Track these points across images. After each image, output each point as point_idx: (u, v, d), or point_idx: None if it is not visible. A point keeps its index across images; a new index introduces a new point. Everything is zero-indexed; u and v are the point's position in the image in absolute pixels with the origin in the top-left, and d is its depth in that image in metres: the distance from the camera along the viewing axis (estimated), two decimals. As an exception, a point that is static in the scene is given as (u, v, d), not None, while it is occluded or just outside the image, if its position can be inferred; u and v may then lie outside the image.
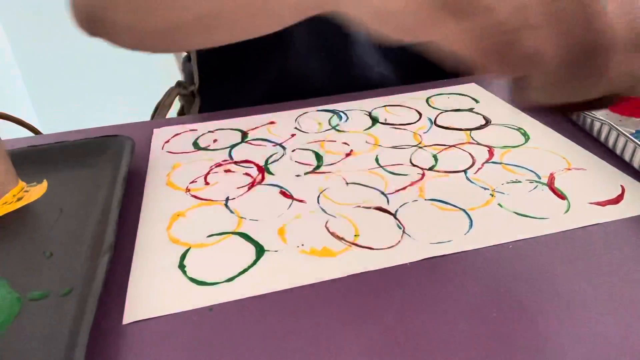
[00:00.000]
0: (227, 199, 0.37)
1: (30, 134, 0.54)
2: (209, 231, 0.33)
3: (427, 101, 0.51)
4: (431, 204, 0.35)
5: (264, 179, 0.39)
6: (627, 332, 0.24)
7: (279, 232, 0.33)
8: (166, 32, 0.35)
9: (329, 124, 0.48)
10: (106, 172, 0.39)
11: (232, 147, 0.44)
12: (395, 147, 0.43)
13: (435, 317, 0.26)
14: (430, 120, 0.47)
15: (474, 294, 0.27)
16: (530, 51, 0.22)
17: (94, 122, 0.54)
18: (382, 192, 0.36)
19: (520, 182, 0.36)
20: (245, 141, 0.45)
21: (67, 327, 0.25)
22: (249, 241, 0.32)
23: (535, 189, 0.36)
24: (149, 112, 0.63)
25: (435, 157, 0.41)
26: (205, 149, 0.44)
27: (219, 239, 0.33)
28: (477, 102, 0.51)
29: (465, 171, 0.38)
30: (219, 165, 0.42)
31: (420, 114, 0.48)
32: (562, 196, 0.34)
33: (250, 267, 0.30)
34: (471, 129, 0.45)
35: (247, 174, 0.40)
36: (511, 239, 0.31)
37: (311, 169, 0.40)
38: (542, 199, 0.34)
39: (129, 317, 0.27)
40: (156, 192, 0.38)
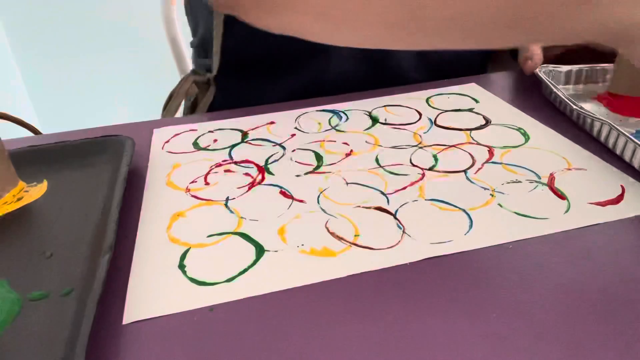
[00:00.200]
0: (227, 199, 0.37)
1: (30, 134, 0.54)
2: (209, 231, 0.33)
3: (427, 101, 0.51)
4: (431, 204, 0.35)
5: (264, 179, 0.39)
6: (628, 332, 0.24)
7: (279, 232, 0.33)
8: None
9: (329, 124, 0.48)
10: (106, 172, 0.39)
11: (232, 147, 0.44)
12: (395, 147, 0.43)
13: (435, 317, 0.26)
14: (430, 120, 0.47)
15: (474, 294, 0.27)
16: None
17: (94, 122, 0.54)
18: (382, 192, 0.36)
19: (520, 182, 0.36)
20: (245, 141, 0.45)
21: (67, 327, 0.25)
22: (249, 241, 0.32)
23: (535, 189, 0.36)
24: (149, 112, 0.63)
25: (435, 157, 0.41)
26: (205, 149, 0.44)
27: (219, 239, 0.33)
28: (477, 102, 0.51)
29: (465, 171, 0.38)
30: (219, 165, 0.42)
31: (420, 114, 0.48)
32: (562, 196, 0.34)
33: (250, 267, 0.30)
34: (471, 129, 0.45)
35: (247, 174, 0.40)
36: (511, 239, 0.31)
37: (311, 169, 0.40)
38: (542, 199, 0.34)
39: (129, 317, 0.27)
40: (156, 192, 0.38)
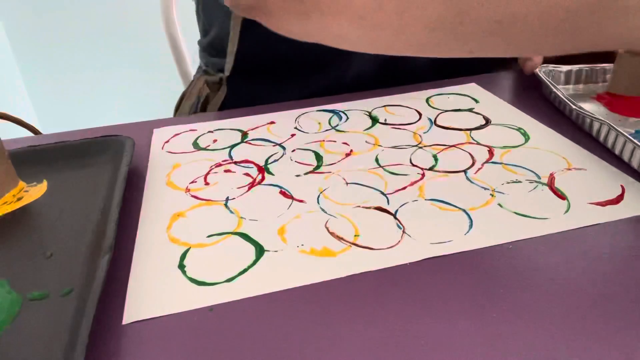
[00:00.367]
0: (227, 199, 0.37)
1: (30, 134, 0.54)
2: (209, 231, 0.33)
3: (427, 101, 0.51)
4: (431, 204, 0.35)
5: (264, 179, 0.39)
6: (627, 333, 0.24)
7: (279, 232, 0.33)
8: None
9: (329, 124, 0.48)
10: (106, 172, 0.40)
11: (232, 147, 0.44)
12: (395, 147, 0.43)
13: (435, 317, 0.26)
14: (430, 120, 0.47)
15: (474, 294, 0.27)
16: None
17: (94, 122, 0.54)
18: (382, 192, 0.36)
19: (520, 182, 0.36)
20: (245, 141, 0.45)
21: (67, 327, 0.25)
22: (249, 241, 0.32)
23: (535, 189, 0.36)
24: (149, 112, 0.63)
25: (435, 157, 0.41)
26: (205, 149, 0.44)
27: (219, 239, 0.33)
28: (477, 102, 0.51)
29: (465, 171, 0.38)
30: (219, 165, 0.42)
31: (420, 114, 0.48)
32: (562, 196, 0.34)
33: (250, 267, 0.30)
34: (471, 129, 0.45)
35: (247, 174, 0.40)
36: (511, 239, 0.31)
37: (311, 169, 0.40)
38: (542, 199, 0.34)
39: (129, 317, 0.27)
40: (156, 192, 0.38)
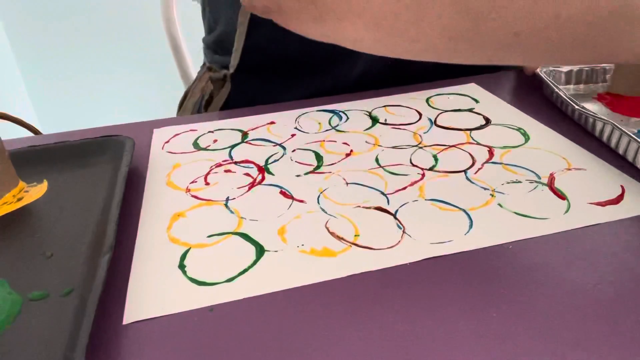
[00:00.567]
0: (227, 199, 0.37)
1: (30, 134, 0.54)
2: (209, 231, 0.33)
3: (427, 101, 0.51)
4: (431, 204, 0.35)
5: (264, 179, 0.39)
6: (628, 333, 0.24)
7: (279, 232, 0.33)
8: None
9: (329, 124, 0.48)
10: (106, 172, 0.40)
11: (232, 147, 0.44)
12: (395, 147, 0.43)
13: (435, 317, 0.26)
14: (430, 120, 0.47)
15: (474, 294, 0.27)
16: None
17: (94, 122, 0.54)
18: (382, 192, 0.36)
19: (520, 182, 0.36)
20: (245, 141, 0.45)
21: (67, 327, 0.25)
22: (249, 241, 0.32)
23: (535, 189, 0.36)
24: (149, 112, 0.63)
25: (435, 157, 0.41)
26: (205, 149, 0.44)
27: (219, 239, 0.33)
28: (477, 102, 0.50)
29: (465, 171, 0.38)
30: (219, 165, 0.42)
31: (420, 114, 0.48)
32: (562, 196, 0.34)
33: (250, 267, 0.30)
34: (471, 129, 0.45)
35: (247, 174, 0.40)
36: (511, 239, 0.31)
37: (311, 169, 0.40)
38: (542, 199, 0.34)
39: (129, 317, 0.27)
40: (156, 192, 0.38)
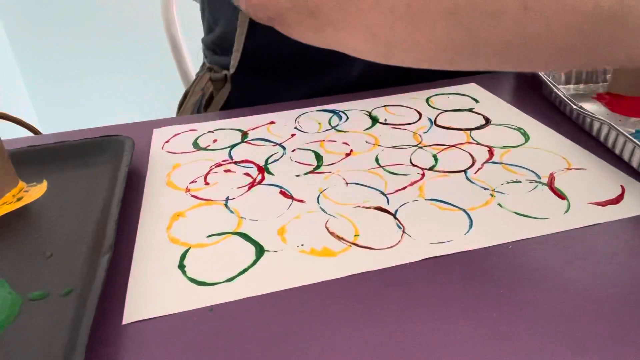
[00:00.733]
0: (227, 199, 0.37)
1: (30, 134, 0.54)
2: (209, 231, 0.33)
3: (427, 101, 0.51)
4: (431, 204, 0.35)
5: (264, 179, 0.39)
6: (628, 333, 0.24)
7: (279, 232, 0.33)
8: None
9: (329, 124, 0.48)
10: (106, 172, 0.40)
11: (232, 147, 0.44)
12: (395, 147, 0.43)
13: (435, 317, 0.26)
14: (430, 120, 0.47)
15: (474, 294, 0.27)
16: None
17: (94, 122, 0.54)
18: (382, 192, 0.36)
19: (520, 182, 0.36)
20: (245, 141, 0.45)
21: (67, 327, 0.25)
22: (249, 241, 0.32)
23: (535, 189, 0.36)
24: (149, 112, 0.63)
25: (435, 157, 0.41)
26: (205, 149, 0.44)
27: (219, 239, 0.33)
28: (477, 102, 0.51)
29: (465, 171, 0.38)
30: (219, 165, 0.42)
31: (420, 114, 0.48)
32: (562, 196, 0.34)
33: (250, 267, 0.30)
34: (471, 129, 0.45)
35: (247, 174, 0.40)
36: (511, 239, 0.31)
37: (311, 169, 0.40)
38: (542, 199, 0.34)
39: (129, 317, 0.27)
40: (156, 192, 0.38)
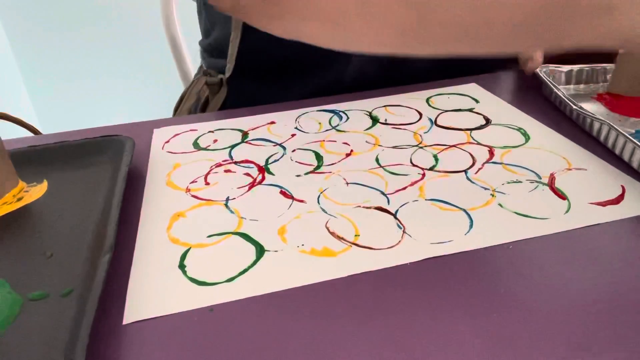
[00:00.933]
0: (227, 199, 0.37)
1: (30, 134, 0.54)
2: (209, 231, 0.33)
3: (427, 101, 0.51)
4: (431, 204, 0.35)
5: (264, 179, 0.39)
6: (628, 332, 0.24)
7: (279, 232, 0.33)
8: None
9: (329, 124, 0.48)
10: (106, 172, 0.39)
11: (232, 147, 0.44)
12: (395, 147, 0.43)
13: (435, 317, 0.26)
14: (430, 120, 0.47)
15: (474, 294, 0.27)
16: None
17: (94, 122, 0.54)
18: (382, 192, 0.36)
19: (520, 182, 0.36)
20: (245, 141, 0.45)
21: (67, 327, 0.25)
22: (249, 241, 0.32)
23: (535, 189, 0.36)
24: (149, 112, 0.63)
25: (435, 157, 0.41)
26: (205, 149, 0.44)
27: (219, 239, 0.32)
28: (477, 102, 0.50)
29: (465, 171, 0.38)
30: (219, 165, 0.42)
31: (420, 114, 0.48)
32: (562, 196, 0.34)
33: (250, 267, 0.30)
34: (471, 129, 0.45)
35: (247, 174, 0.40)
36: (511, 239, 0.31)
37: (311, 169, 0.40)
38: (543, 199, 0.34)
39: (129, 317, 0.27)
40: (156, 192, 0.38)
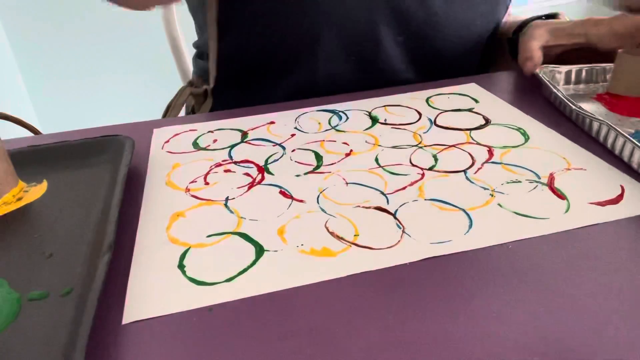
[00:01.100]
0: (227, 199, 0.37)
1: (30, 134, 0.54)
2: (208, 231, 0.33)
3: (427, 101, 0.51)
4: (431, 204, 0.35)
5: (263, 179, 0.39)
6: (628, 332, 0.24)
7: (279, 232, 0.33)
8: None
9: (329, 124, 0.48)
10: (106, 172, 0.40)
11: (232, 147, 0.44)
12: (395, 147, 0.43)
13: (435, 317, 0.26)
14: (430, 120, 0.47)
15: (474, 294, 0.27)
16: None
17: (94, 122, 0.54)
18: (382, 192, 0.36)
19: (520, 182, 0.36)
20: (245, 141, 0.45)
21: (67, 327, 0.25)
22: (249, 241, 0.32)
23: (535, 189, 0.36)
24: (149, 112, 0.63)
25: (435, 157, 0.41)
26: (205, 149, 0.44)
27: (218, 239, 0.33)
28: (477, 102, 0.51)
29: (465, 171, 0.38)
30: (219, 165, 0.42)
31: (420, 114, 0.48)
32: (562, 196, 0.34)
33: (250, 267, 0.30)
34: (471, 129, 0.45)
35: (247, 174, 0.40)
36: (511, 239, 0.31)
37: (311, 169, 0.40)
38: (542, 199, 0.34)
39: (128, 317, 0.27)
40: (156, 192, 0.38)
